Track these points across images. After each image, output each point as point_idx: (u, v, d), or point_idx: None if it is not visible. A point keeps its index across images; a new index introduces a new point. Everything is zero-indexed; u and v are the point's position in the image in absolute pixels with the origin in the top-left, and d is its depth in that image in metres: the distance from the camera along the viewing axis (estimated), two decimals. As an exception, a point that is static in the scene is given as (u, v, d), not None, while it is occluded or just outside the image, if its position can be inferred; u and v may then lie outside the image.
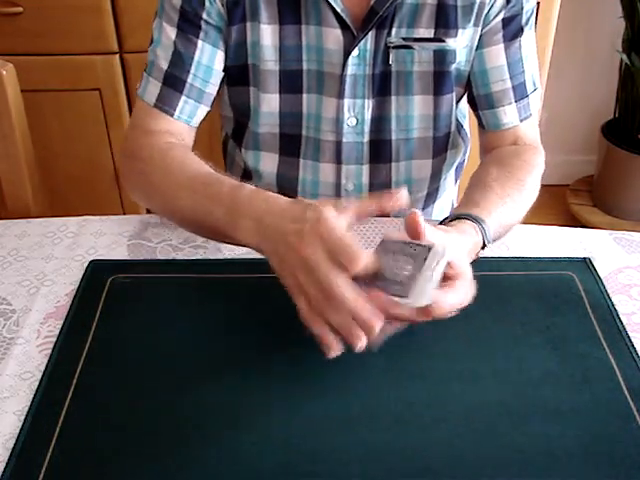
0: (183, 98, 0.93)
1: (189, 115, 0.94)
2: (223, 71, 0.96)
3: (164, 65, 0.92)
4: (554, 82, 2.04)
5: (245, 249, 0.92)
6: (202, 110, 0.95)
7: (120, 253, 0.92)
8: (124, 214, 1.66)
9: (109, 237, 0.94)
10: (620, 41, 2.16)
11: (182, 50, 0.91)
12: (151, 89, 0.93)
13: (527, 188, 0.91)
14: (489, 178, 0.90)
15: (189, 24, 0.91)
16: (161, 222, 0.97)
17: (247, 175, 1.11)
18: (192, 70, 0.92)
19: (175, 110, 0.93)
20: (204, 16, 0.90)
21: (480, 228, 0.79)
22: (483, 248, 0.80)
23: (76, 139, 1.71)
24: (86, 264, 0.89)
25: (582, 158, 2.47)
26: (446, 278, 0.68)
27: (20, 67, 1.07)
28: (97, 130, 1.69)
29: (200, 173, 0.82)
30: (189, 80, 0.92)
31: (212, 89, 0.95)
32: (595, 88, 2.36)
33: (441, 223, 0.82)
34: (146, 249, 0.92)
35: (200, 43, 0.91)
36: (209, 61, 0.93)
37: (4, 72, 1.02)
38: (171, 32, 0.91)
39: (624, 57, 2.12)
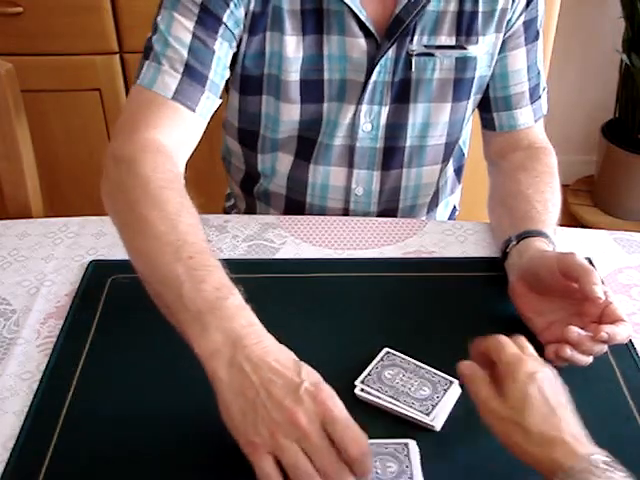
0: (206, 94, 0.87)
1: (208, 110, 0.89)
2: (240, 78, 0.95)
3: (182, 57, 0.85)
4: (554, 82, 2.04)
5: (245, 249, 0.92)
6: (217, 104, 0.91)
7: (120, 253, 0.91)
8: (124, 214, 1.66)
9: (109, 237, 0.94)
10: (620, 41, 2.16)
11: (203, 44, 0.87)
12: (166, 80, 0.85)
13: (556, 189, 0.94)
14: (522, 187, 0.92)
15: (211, 19, 0.87)
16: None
17: (249, 179, 1.11)
18: (213, 65, 0.87)
19: (197, 105, 0.86)
20: (224, 18, 0.87)
21: (548, 239, 0.83)
22: None
23: (76, 139, 1.70)
24: (86, 264, 0.89)
25: (582, 158, 2.47)
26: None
27: (20, 67, 1.07)
28: (97, 130, 1.68)
29: (192, 237, 0.69)
30: (211, 76, 0.87)
31: (223, 85, 0.91)
32: (595, 88, 2.36)
33: (506, 249, 0.85)
34: (146, 249, 0.92)
35: (220, 39, 0.88)
36: (225, 58, 0.90)
37: (4, 72, 1.02)
38: (188, 24, 0.86)
39: (624, 57, 2.12)
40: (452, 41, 0.93)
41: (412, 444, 0.66)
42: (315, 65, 0.93)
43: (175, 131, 0.85)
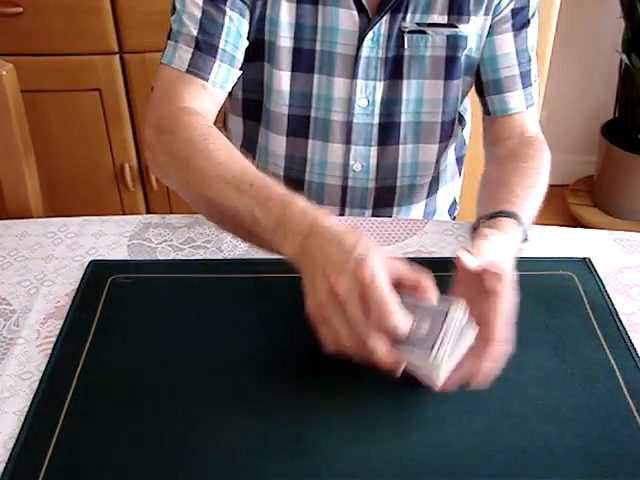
0: (217, 63, 0.92)
1: (223, 80, 0.93)
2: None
3: (194, 32, 0.91)
4: (554, 82, 2.04)
5: (245, 249, 0.92)
6: (235, 74, 0.95)
7: (120, 253, 0.92)
8: (124, 214, 1.66)
9: (109, 237, 0.94)
10: (620, 41, 2.16)
11: (212, 17, 0.91)
12: (182, 55, 0.91)
13: (543, 176, 0.93)
14: (507, 172, 0.92)
15: None
16: (162, 222, 0.97)
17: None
18: (223, 36, 0.92)
19: (210, 75, 0.91)
20: None
21: (518, 222, 0.81)
22: (524, 242, 0.82)
23: (76, 139, 1.71)
24: (86, 264, 0.89)
25: (582, 158, 2.47)
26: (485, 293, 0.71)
27: (20, 67, 1.07)
28: (97, 130, 1.69)
29: (246, 170, 0.77)
30: (221, 45, 0.92)
31: (241, 55, 0.95)
32: (595, 88, 2.36)
33: (475, 227, 0.84)
34: (146, 249, 0.92)
35: (229, 11, 0.92)
36: (237, 28, 0.93)
37: (4, 72, 1.02)
38: (199, 0, 0.91)
39: (624, 57, 2.12)
40: (444, 19, 0.95)
41: (454, 307, 0.68)
42: (308, 34, 0.95)
43: (198, 100, 0.91)
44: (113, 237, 0.95)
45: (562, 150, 2.43)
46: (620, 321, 0.82)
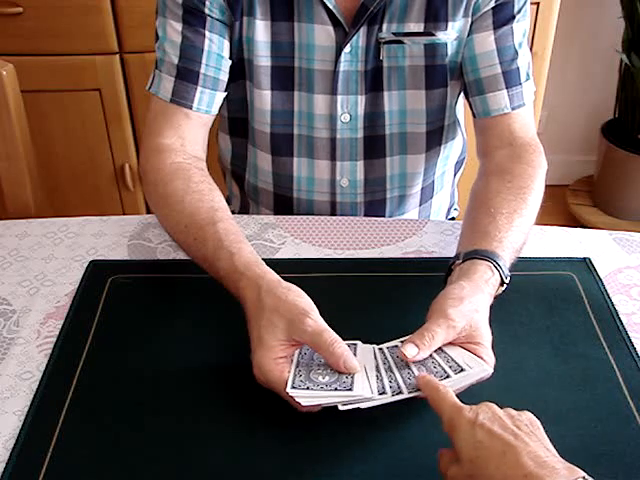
0: (199, 89, 0.93)
1: (207, 104, 0.94)
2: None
3: (175, 60, 0.92)
4: (554, 82, 2.04)
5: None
6: (219, 96, 0.96)
7: (120, 253, 0.92)
8: (124, 214, 1.66)
9: (109, 237, 0.94)
10: (620, 41, 2.16)
11: (191, 42, 0.92)
12: (166, 85, 0.93)
13: (533, 196, 0.87)
14: (491, 195, 0.86)
15: (194, 17, 0.91)
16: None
17: (239, 177, 1.12)
18: (204, 60, 0.92)
19: (193, 102, 0.93)
20: (206, 11, 0.91)
21: (495, 265, 0.77)
22: (502, 284, 0.77)
23: (76, 139, 1.71)
24: (86, 264, 0.89)
25: (582, 158, 2.47)
26: (468, 348, 0.70)
27: (20, 67, 1.07)
28: (97, 130, 1.69)
29: (196, 218, 0.82)
30: (202, 70, 0.92)
31: (225, 76, 0.95)
32: (595, 88, 2.36)
33: (451, 265, 0.80)
34: (146, 249, 0.92)
35: (208, 33, 0.92)
36: (219, 49, 0.93)
37: (4, 72, 1.02)
38: (177, 26, 0.92)
39: (624, 57, 2.12)
40: (420, 28, 0.93)
41: (360, 345, 0.73)
42: (286, 52, 0.95)
43: (179, 130, 0.93)
44: (113, 237, 0.95)
45: (562, 150, 2.43)
46: (620, 321, 0.82)
